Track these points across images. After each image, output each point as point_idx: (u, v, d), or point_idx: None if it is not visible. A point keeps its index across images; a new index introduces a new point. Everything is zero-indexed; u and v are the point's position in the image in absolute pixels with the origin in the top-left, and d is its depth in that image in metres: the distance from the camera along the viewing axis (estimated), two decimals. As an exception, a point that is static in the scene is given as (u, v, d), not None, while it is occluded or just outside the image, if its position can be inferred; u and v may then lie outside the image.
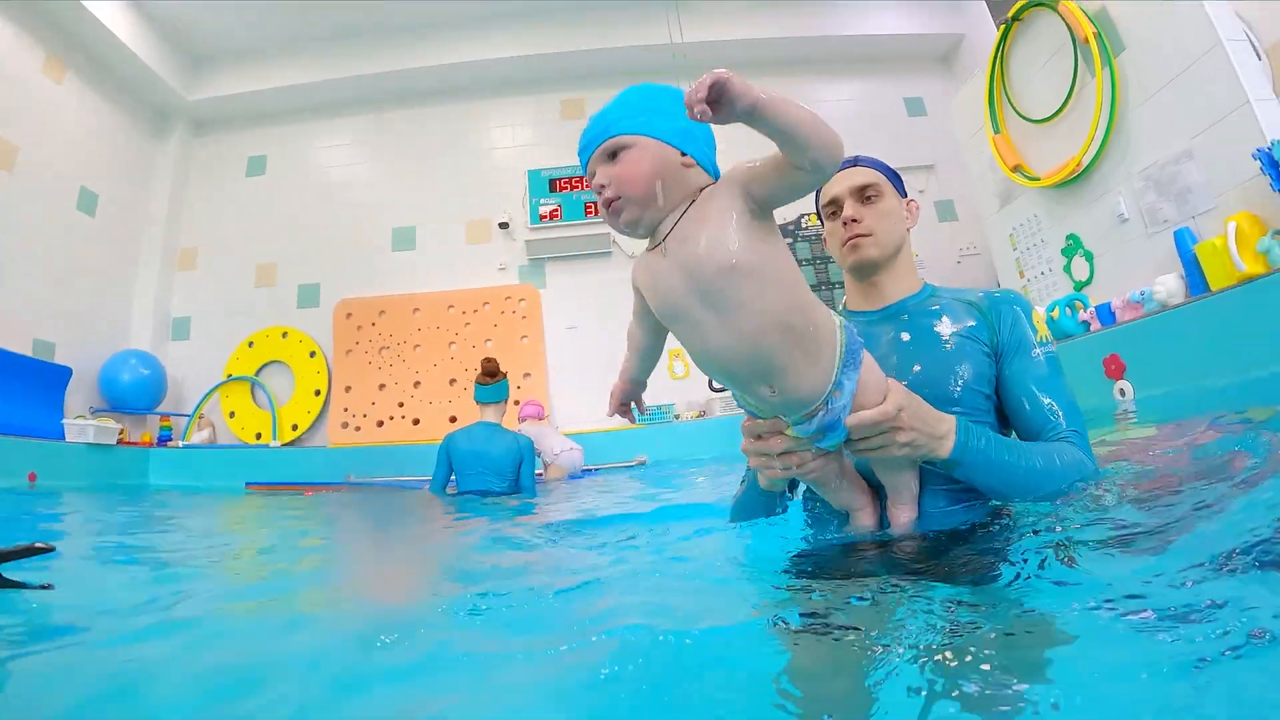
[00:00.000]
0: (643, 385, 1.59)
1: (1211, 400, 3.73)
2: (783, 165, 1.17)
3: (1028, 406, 1.67)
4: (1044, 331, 1.75)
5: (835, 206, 1.85)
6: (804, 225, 8.60)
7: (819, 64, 9.27)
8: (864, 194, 1.81)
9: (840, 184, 1.82)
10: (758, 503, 1.76)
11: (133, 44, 7.72)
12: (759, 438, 1.47)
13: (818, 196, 1.91)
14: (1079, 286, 5.64)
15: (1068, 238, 5.73)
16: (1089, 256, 5.55)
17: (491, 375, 4.92)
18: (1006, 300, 1.77)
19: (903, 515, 1.51)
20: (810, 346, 1.26)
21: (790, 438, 1.39)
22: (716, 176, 1.31)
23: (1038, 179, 5.78)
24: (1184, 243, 4.52)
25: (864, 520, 1.56)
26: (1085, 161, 5.34)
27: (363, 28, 8.68)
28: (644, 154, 1.24)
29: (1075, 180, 5.53)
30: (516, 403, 7.59)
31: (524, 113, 9.10)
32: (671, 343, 4.71)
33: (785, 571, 1.46)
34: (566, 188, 8.65)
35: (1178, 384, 4.14)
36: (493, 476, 4.68)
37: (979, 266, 8.09)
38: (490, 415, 4.93)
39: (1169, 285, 4.52)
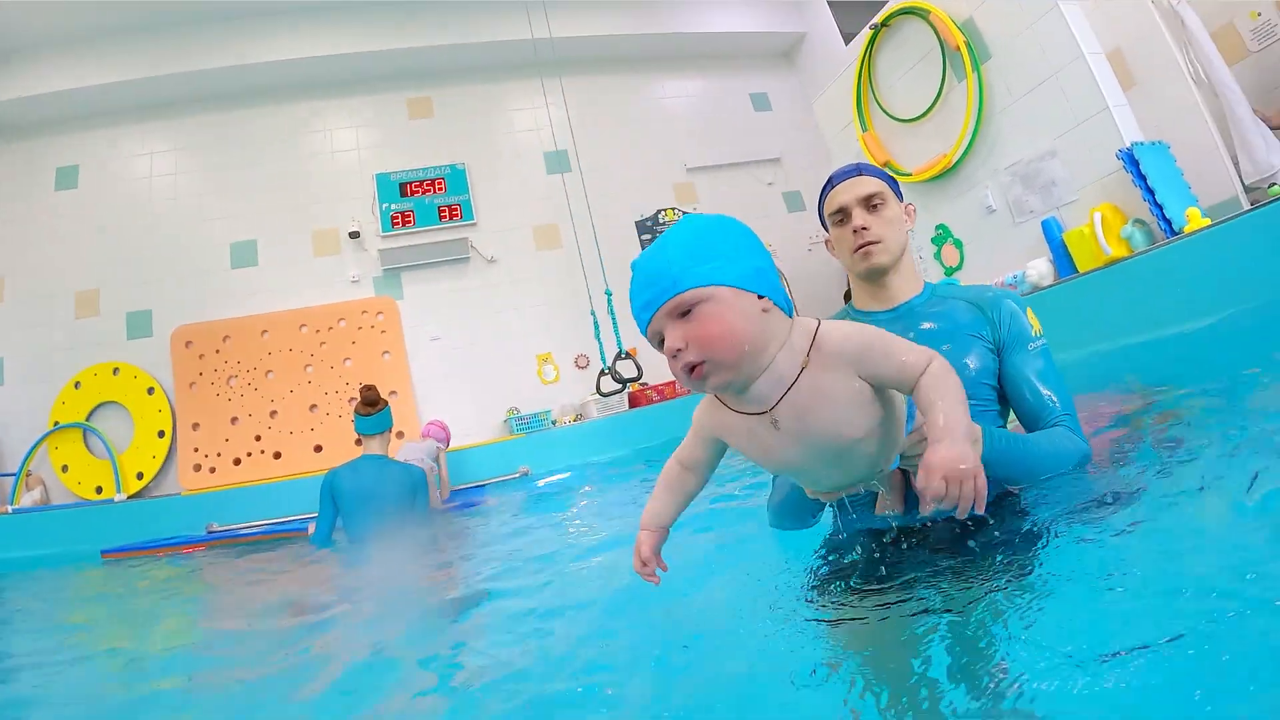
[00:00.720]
0: (667, 528, 1.46)
1: (1084, 369, 4.06)
2: (901, 386, 1.23)
3: (1028, 396, 1.86)
4: (1037, 326, 1.93)
5: (843, 215, 1.98)
6: (661, 220, 8.57)
7: (666, 60, 9.26)
8: (870, 202, 1.94)
9: (847, 193, 1.96)
10: (804, 506, 1.80)
11: None
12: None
13: (822, 204, 2.06)
14: (949, 272, 6.06)
15: (937, 227, 6.12)
16: (959, 244, 5.95)
17: (372, 404, 4.55)
18: (1004, 299, 1.94)
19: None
20: (897, 439, 1.35)
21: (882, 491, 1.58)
22: (789, 309, 1.21)
23: (909, 174, 6.09)
24: (1051, 231, 5.00)
25: (893, 503, 1.62)
26: (955, 158, 5.70)
27: (187, 18, 7.73)
28: (724, 308, 1.11)
29: (944, 176, 5.90)
30: (401, 434, 7.20)
31: (368, 112, 8.52)
32: (539, 347, 6.91)
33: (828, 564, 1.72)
34: (419, 191, 8.20)
35: (1056, 355, 4.42)
36: (389, 516, 4.29)
37: (824, 254, 8.08)
38: (375, 447, 4.56)
39: (1040, 268, 5.00)
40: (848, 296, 7.23)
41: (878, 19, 6.18)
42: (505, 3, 7.67)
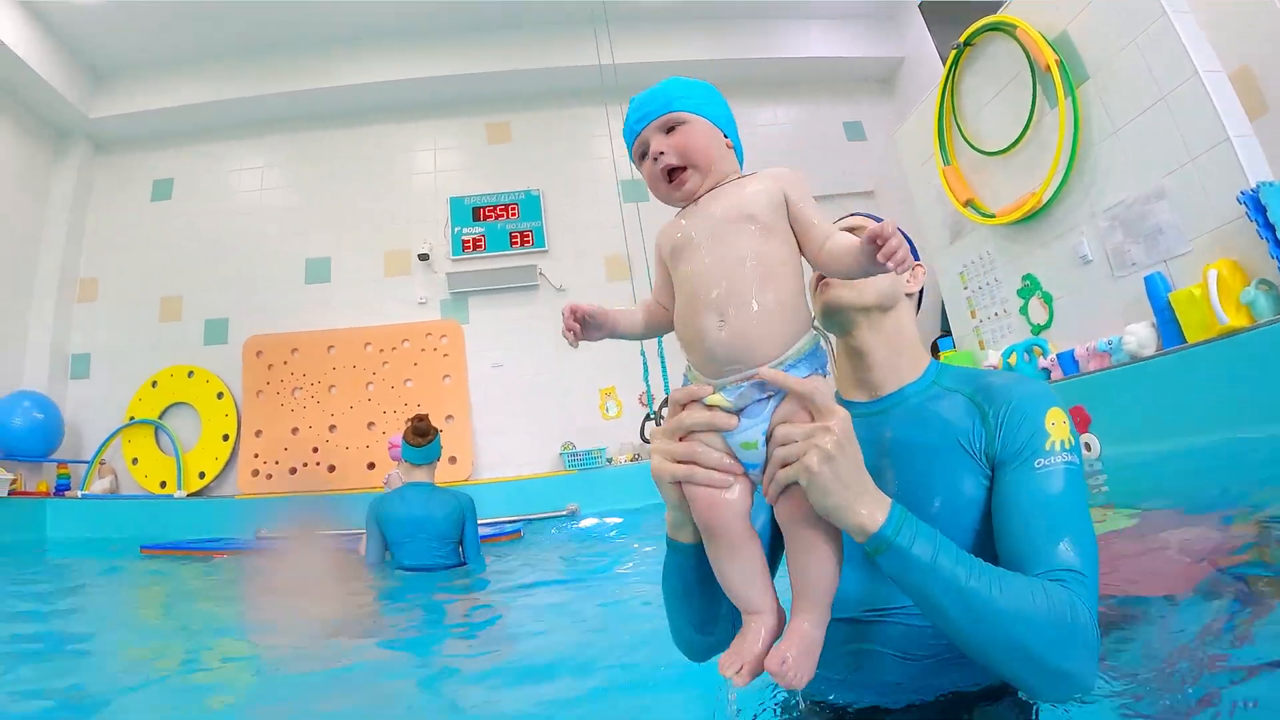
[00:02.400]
0: (610, 329, 1.30)
1: (1184, 467, 3.43)
2: (807, 246, 1.17)
3: (1012, 530, 1.20)
4: (1061, 435, 1.26)
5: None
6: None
7: (754, 87, 8.59)
8: (850, 233, 1.38)
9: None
10: (688, 576, 1.25)
11: (28, 57, 6.82)
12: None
13: None
14: (1037, 330, 5.12)
15: (1024, 278, 5.21)
16: (1048, 298, 5.04)
17: (423, 435, 4.22)
18: (1014, 391, 1.32)
19: (802, 628, 1.06)
20: (777, 306, 1.08)
21: (705, 410, 1.10)
22: (741, 166, 1.28)
23: (992, 216, 5.24)
24: (1156, 289, 4.08)
25: (753, 629, 1.09)
26: (1045, 198, 4.81)
27: (278, 42, 7.85)
28: (702, 128, 1.23)
29: (1033, 218, 4.99)
30: (454, 459, 6.88)
31: (448, 136, 8.34)
32: (604, 381, 5.90)
33: None
34: (491, 216, 7.90)
35: (1149, 443, 3.77)
36: (435, 543, 4.07)
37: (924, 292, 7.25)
38: (421, 476, 4.26)
39: (1140, 335, 4.09)
40: (935, 349, 6.08)
41: (960, 37, 5.36)
42: (586, 28, 7.25)
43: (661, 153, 1.21)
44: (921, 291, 1.58)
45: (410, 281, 7.73)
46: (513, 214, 7.86)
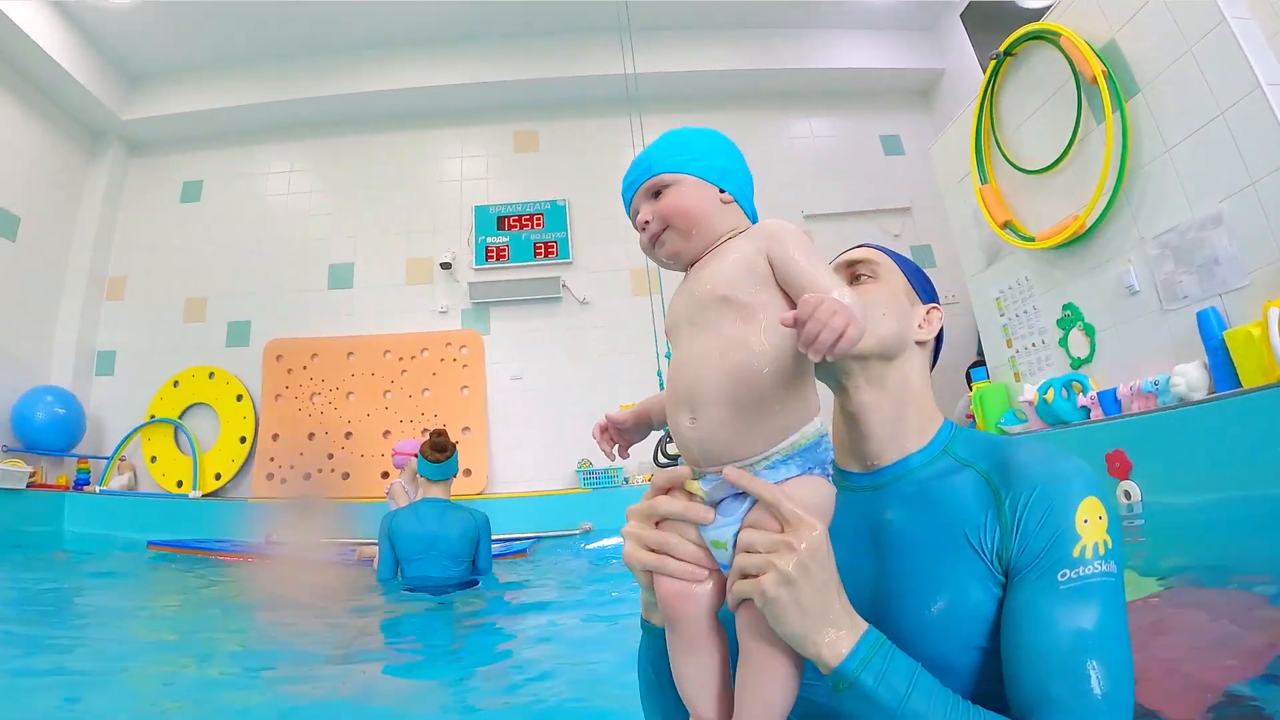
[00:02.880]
0: (648, 422, 1.22)
1: (1234, 521, 3.05)
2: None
3: (1023, 663, 0.93)
4: (1096, 537, 0.98)
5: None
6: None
7: (788, 98, 8.32)
8: (853, 271, 1.36)
9: (834, 262, 1.42)
10: (660, 665, 1.10)
11: (63, 60, 6.84)
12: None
13: None
14: (1077, 364, 4.70)
15: (1065, 307, 4.79)
16: (1090, 331, 4.61)
17: (442, 451, 4.14)
18: (1039, 480, 1.04)
19: None
20: (755, 403, 0.96)
21: (682, 499, 1.01)
22: (753, 217, 1.18)
23: (1032, 239, 4.83)
24: (1209, 326, 3.64)
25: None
26: (1089, 222, 4.38)
27: (309, 47, 7.80)
28: (685, 189, 1.14)
29: (1076, 242, 4.57)
30: (468, 472, 6.72)
31: (476, 144, 8.18)
32: (625, 397, 4.42)
33: None
34: (516, 226, 7.70)
35: (1194, 493, 3.37)
36: (447, 560, 4.00)
37: (958, 315, 7.01)
38: (437, 492, 4.19)
39: (1190, 376, 3.66)
40: (968, 377, 5.69)
41: (1001, 47, 4.97)
42: (614, 36, 6.98)
43: (647, 221, 1.15)
44: (940, 337, 1.35)
45: (432, 290, 7.57)
46: (538, 224, 7.67)
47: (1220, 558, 2.76)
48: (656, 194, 1.14)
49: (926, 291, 1.34)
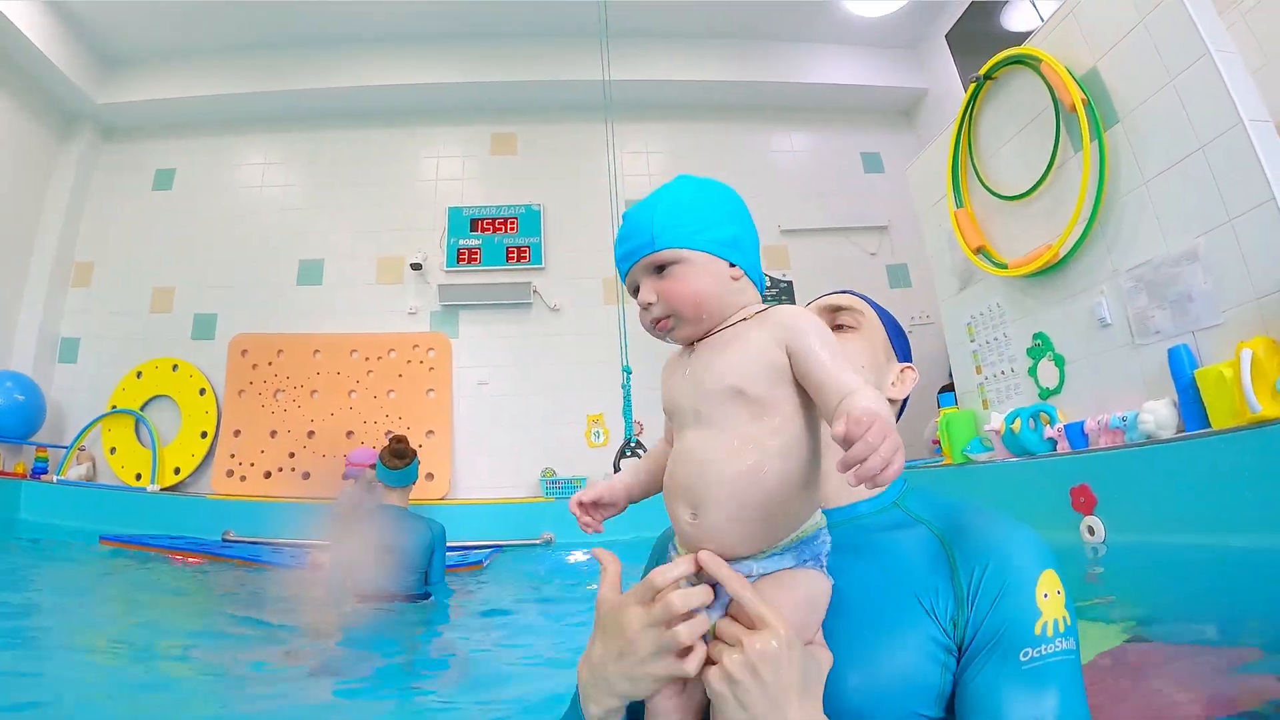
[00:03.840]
0: (625, 498, 1.19)
1: (1197, 565, 2.96)
2: (822, 409, 0.93)
3: None
4: (1056, 613, 0.92)
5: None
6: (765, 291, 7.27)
7: (769, 111, 8.12)
8: (835, 316, 1.32)
9: (818, 302, 1.39)
10: None
11: (39, 40, 6.57)
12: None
13: None
14: (1045, 394, 4.54)
15: (1035, 336, 4.63)
16: (1059, 361, 4.44)
17: (401, 457, 4.02)
18: (996, 549, 0.98)
19: None
20: (760, 509, 0.92)
21: (699, 592, 0.91)
22: (761, 283, 1.12)
23: (1005, 266, 4.68)
24: (1180, 363, 3.50)
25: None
26: (1062, 252, 4.23)
27: (289, 39, 7.55)
28: (694, 270, 1.04)
29: (1049, 271, 4.42)
30: (430, 476, 6.58)
31: (453, 144, 7.93)
32: (593, 407, 4.74)
33: None
34: (489, 229, 7.47)
35: (1160, 533, 3.27)
36: (401, 572, 3.84)
37: (930, 336, 6.89)
38: (395, 499, 4.06)
39: (1159, 414, 3.52)
40: (938, 401, 5.51)
41: (981, 70, 4.81)
42: (595, 41, 6.77)
43: (650, 303, 1.06)
44: (908, 396, 1.33)
45: (402, 290, 7.34)
46: (511, 228, 7.46)
47: (1186, 610, 2.68)
48: (660, 269, 1.06)
49: (902, 349, 1.33)
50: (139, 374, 7.05)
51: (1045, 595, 0.94)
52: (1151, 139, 3.73)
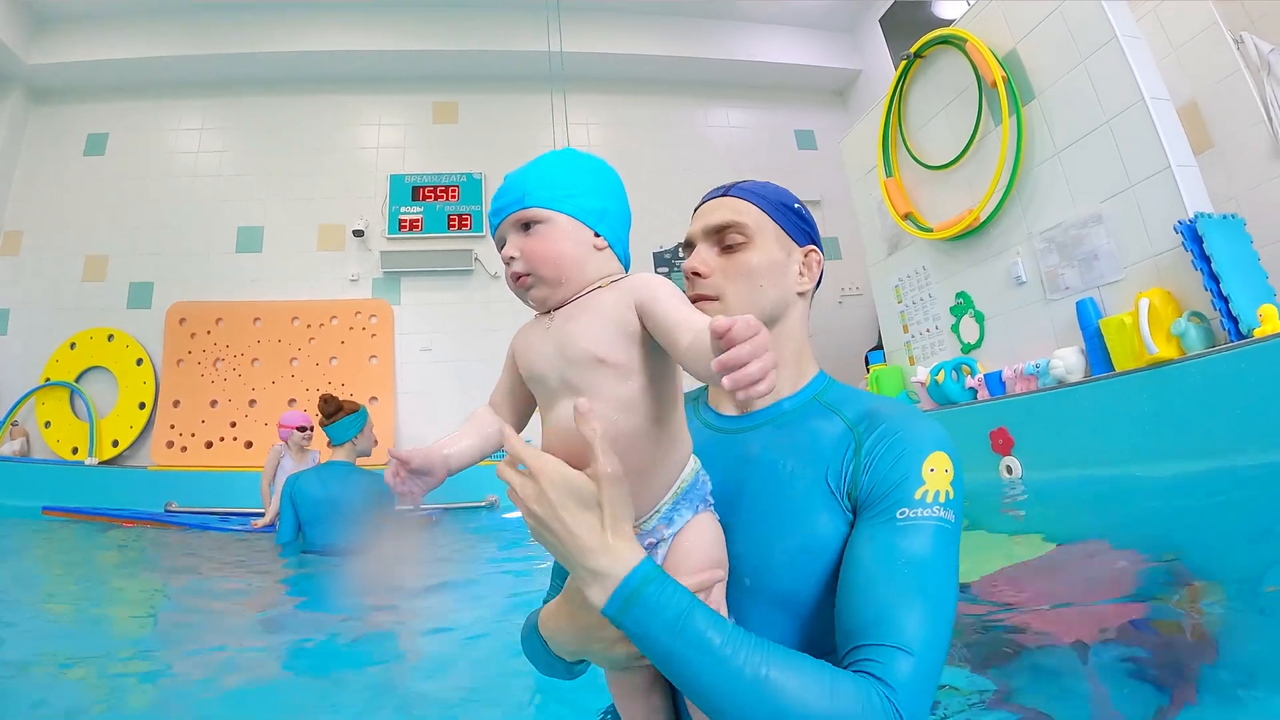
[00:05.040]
0: (443, 468, 1.07)
1: (1104, 495, 3.24)
2: (673, 351, 0.92)
3: (848, 592, 0.96)
4: (938, 485, 1.00)
5: (689, 250, 1.30)
6: (681, 255, 7.39)
7: (709, 87, 8.27)
8: (722, 236, 1.23)
9: (697, 221, 1.28)
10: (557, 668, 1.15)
11: None
12: None
13: None
14: (967, 349, 4.83)
15: (958, 295, 4.91)
16: (979, 318, 4.74)
17: (328, 414, 4.02)
18: (896, 428, 1.06)
19: None
20: (648, 462, 0.98)
21: None
22: (626, 260, 1.11)
23: (929, 230, 4.93)
24: (1087, 315, 3.83)
25: None
26: (983, 216, 4.52)
27: (230, 2, 7.33)
28: (558, 231, 1.04)
29: (970, 235, 4.69)
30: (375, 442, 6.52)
31: (393, 112, 7.85)
32: None
33: None
34: (431, 196, 7.43)
35: (1070, 468, 3.58)
36: (350, 525, 3.80)
37: (860, 307, 7.25)
38: (341, 455, 4.05)
39: (1068, 360, 3.84)
40: (866, 361, 5.79)
41: (912, 48, 5.03)
42: (541, 13, 6.80)
43: (512, 257, 1.06)
44: (820, 276, 1.29)
45: (344, 257, 7.26)
46: (453, 196, 7.42)
47: (1095, 530, 2.89)
48: (526, 226, 1.06)
49: (799, 231, 1.26)
50: (73, 345, 6.81)
51: (932, 470, 1.02)
52: (1063, 114, 4.02)
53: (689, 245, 1.29)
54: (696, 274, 1.22)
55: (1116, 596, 1.98)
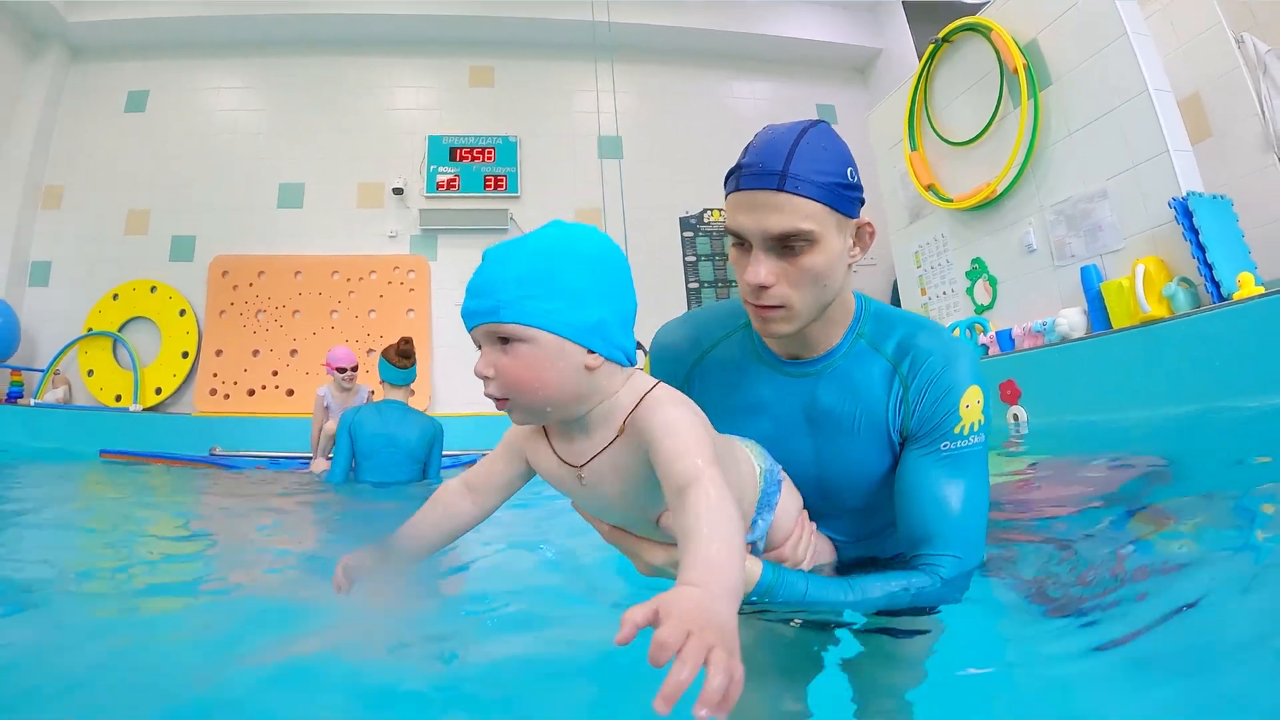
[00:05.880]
0: (388, 563, 1.22)
1: (1101, 435, 3.68)
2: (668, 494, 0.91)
3: (908, 512, 1.29)
4: (973, 418, 1.28)
5: (741, 242, 1.26)
6: (706, 220, 8.12)
7: (737, 60, 8.77)
8: (786, 243, 1.19)
9: (752, 218, 1.20)
10: None
11: None
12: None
13: (727, 191, 1.30)
14: (980, 310, 5.46)
15: (973, 261, 5.52)
16: (993, 282, 5.35)
17: (407, 358, 4.26)
18: (936, 369, 1.28)
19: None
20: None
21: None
22: (631, 355, 1.04)
23: (950, 200, 5.54)
24: (1090, 279, 4.44)
25: None
26: (1000, 189, 5.12)
27: None
28: (540, 354, 0.95)
29: (987, 206, 5.31)
30: (412, 392, 6.96)
31: (430, 75, 8.30)
32: None
33: None
34: (467, 158, 7.93)
35: (1071, 415, 4.15)
36: (404, 460, 4.13)
37: (875, 276, 7.80)
38: (399, 396, 4.32)
39: (1071, 319, 4.44)
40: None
41: (940, 34, 5.61)
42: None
43: (487, 376, 0.98)
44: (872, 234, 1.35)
45: (383, 215, 7.73)
46: (489, 157, 7.89)
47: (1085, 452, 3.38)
48: (504, 340, 0.97)
49: (855, 202, 1.25)
50: (115, 296, 7.25)
51: (967, 406, 1.27)
52: (1077, 100, 4.61)
53: (740, 239, 1.26)
54: (763, 286, 1.22)
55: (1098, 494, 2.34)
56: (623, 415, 1.02)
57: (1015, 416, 4.46)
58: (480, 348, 0.99)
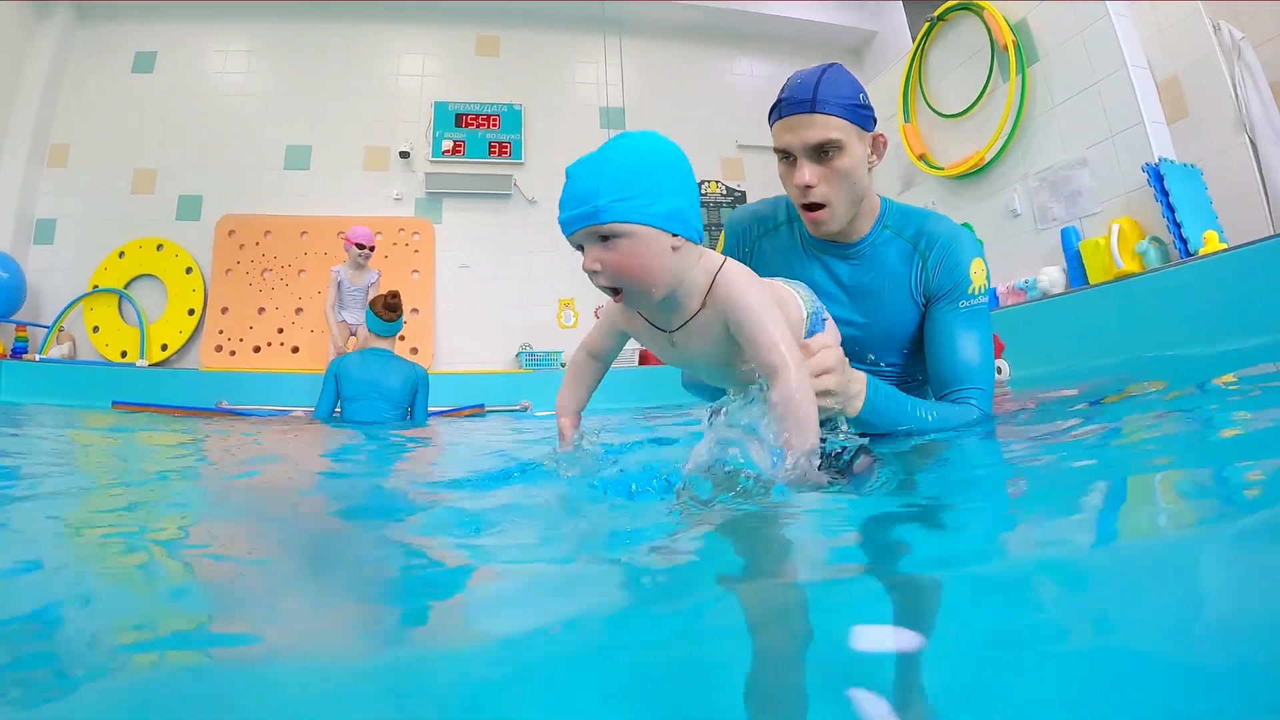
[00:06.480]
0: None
1: (1078, 381, 3.92)
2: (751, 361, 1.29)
3: (939, 358, 1.74)
4: (980, 282, 1.76)
5: (788, 156, 1.71)
6: (704, 192, 8.55)
7: (735, 36, 9.12)
8: (821, 150, 1.64)
9: (794, 135, 1.66)
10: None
11: None
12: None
13: (772, 123, 1.76)
14: (966, 271, 5.73)
15: (961, 225, 5.68)
16: (979, 244, 5.53)
17: (393, 310, 4.66)
18: (943, 241, 1.77)
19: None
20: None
21: None
22: (700, 237, 1.30)
23: (940, 169, 6.00)
24: (1069, 239, 4.88)
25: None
26: (988, 158, 5.59)
27: None
28: (639, 244, 1.19)
29: (975, 174, 5.78)
30: (415, 350, 7.40)
31: (437, 43, 8.57)
32: (564, 291, 6.75)
33: None
34: (472, 124, 8.24)
35: (1051, 365, 4.53)
36: (386, 404, 4.54)
37: None
38: (384, 345, 4.73)
39: (1051, 276, 4.88)
40: None
41: (935, 13, 6.06)
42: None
43: (595, 270, 1.22)
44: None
45: (388, 178, 8.02)
46: (494, 125, 8.20)
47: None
48: (604, 237, 1.20)
49: (870, 119, 1.72)
50: (121, 254, 7.46)
51: (975, 272, 1.75)
52: (1061, 75, 5.08)
53: (785, 154, 1.72)
54: (810, 186, 1.66)
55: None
56: (702, 291, 1.31)
57: (999, 369, 4.77)
58: (582, 250, 1.24)
